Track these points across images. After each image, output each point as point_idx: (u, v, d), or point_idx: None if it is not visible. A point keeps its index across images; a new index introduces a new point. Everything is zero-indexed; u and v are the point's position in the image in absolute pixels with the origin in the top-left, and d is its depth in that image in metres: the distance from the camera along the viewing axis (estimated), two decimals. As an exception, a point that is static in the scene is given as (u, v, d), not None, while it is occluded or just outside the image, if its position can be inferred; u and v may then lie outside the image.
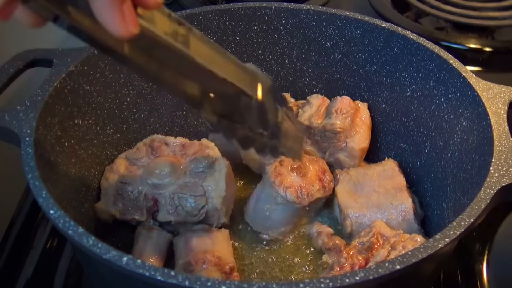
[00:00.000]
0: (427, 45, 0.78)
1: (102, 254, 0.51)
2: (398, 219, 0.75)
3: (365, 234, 0.71)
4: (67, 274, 0.77)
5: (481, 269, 0.75)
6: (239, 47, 0.91)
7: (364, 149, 0.86)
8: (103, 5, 0.42)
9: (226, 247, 0.74)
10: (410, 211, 0.75)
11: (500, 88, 0.71)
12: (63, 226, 0.54)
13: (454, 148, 0.74)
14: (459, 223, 0.55)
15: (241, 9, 0.88)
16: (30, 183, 0.59)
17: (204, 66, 0.52)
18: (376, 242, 0.68)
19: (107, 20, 0.43)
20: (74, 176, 0.73)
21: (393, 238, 0.69)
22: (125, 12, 0.43)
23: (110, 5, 0.42)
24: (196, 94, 0.55)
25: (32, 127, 0.65)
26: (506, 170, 0.61)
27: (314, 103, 0.88)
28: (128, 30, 0.43)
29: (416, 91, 0.82)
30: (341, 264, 0.67)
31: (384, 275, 0.50)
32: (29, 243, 0.82)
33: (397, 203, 0.76)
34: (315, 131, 0.85)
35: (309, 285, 0.48)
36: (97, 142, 0.80)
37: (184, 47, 0.50)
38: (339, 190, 0.80)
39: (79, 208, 0.74)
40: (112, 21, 0.43)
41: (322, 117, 0.86)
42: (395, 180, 0.79)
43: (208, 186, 0.77)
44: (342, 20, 0.86)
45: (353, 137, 0.84)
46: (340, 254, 0.68)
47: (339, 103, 0.86)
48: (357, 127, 0.85)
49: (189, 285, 0.48)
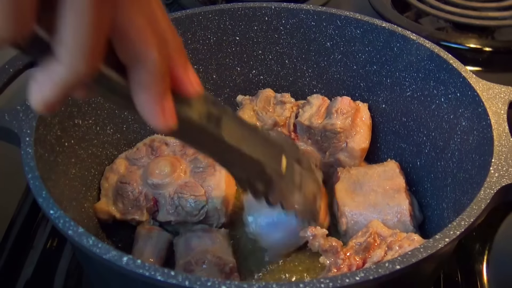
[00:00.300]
0: (427, 45, 0.78)
1: (102, 254, 0.51)
2: (393, 220, 0.75)
3: (362, 234, 0.71)
4: (67, 274, 0.77)
5: (481, 269, 0.75)
6: (239, 47, 0.91)
7: (365, 149, 0.86)
8: (145, 101, 0.43)
9: (226, 247, 0.74)
10: (406, 212, 0.75)
11: (500, 88, 0.71)
12: (63, 226, 0.54)
13: (454, 148, 0.74)
14: (459, 223, 0.55)
15: (241, 9, 0.88)
16: (30, 183, 0.59)
17: (233, 146, 0.55)
18: (373, 242, 0.68)
19: (148, 115, 0.44)
20: (74, 176, 0.73)
21: (390, 237, 0.68)
22: (166, 107, 0.44)
23: (151, 102, 0.43)
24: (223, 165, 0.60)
25: (32, 127, 0.65)
26: (506, 170, 0.61)
27: (314, 103, 0.88)
28: (167, 125, 0.45)
29: (416, 91, 0.82)
30: (338, 265, 0.67)
31: (384, 275, 0.50)
32: (29, 243, 0.82)
33: (393, 204, 0.76)
34: (315, 131, 0.85)
35: (309, 285, 0.48)
36: (97, 142, 0.80)
37: (216, 128, 0.52)
38: (338, 187, 0.80)
39: (79, 208, 0.74)
40: (153, 117, 0.44)
41: (323, 117, 0.86)
42: (395, 181, 0.79)
43: (208, 186, 0.77)
44: (342, 20, 0.86)
45: (353, 137, 0.84)
46: (337, 255, 0.68)
47: (340, 103, 0.86)
48: (357, 127, 0.85)
49: (189, 285, 0.48)
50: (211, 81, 0.92)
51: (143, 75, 0.42)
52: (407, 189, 0.79)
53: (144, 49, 0.42)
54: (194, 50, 0.88)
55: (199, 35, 0.88)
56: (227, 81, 0.93)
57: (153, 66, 0.42)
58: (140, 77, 0.43)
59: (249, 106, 0.88)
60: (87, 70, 0.39)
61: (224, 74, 0.93)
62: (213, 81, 0.92)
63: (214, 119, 0.52)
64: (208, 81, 0.92)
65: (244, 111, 0.88)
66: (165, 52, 0.44)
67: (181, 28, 0.86)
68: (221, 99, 0.94)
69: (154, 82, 0.43)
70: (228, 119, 0.54)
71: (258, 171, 0.60)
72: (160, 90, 0.44)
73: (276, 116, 0.86)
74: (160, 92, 0.44)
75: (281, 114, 0.87)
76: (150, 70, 0.42)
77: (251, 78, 0.94)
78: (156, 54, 0.42)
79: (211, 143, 0.53)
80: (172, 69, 0.45)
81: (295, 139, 0.87)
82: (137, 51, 0.42)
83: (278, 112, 0.87)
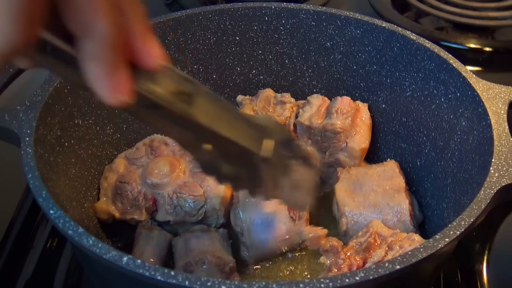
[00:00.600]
0: (427, 45, 0.78)
1: (102, 254, 0.51)
2: (393, 220, 0.75)
3: (362, 234, 0.71)
4: (67, 274, 0.77)
5: (481, 269, 0.75)
6: (239, 47, 0.91)
7: (364, 149, 0.85)
8: (95, 74, 0.40)
9: (225, 247, 0.74)
10: (406, 212, 0.75)
11: (500, 88, 0.71)
12: (63, 226, 0.54)
13: (454, 148, 0.74)
14: (459, 223, 0.55)
15: (241, 9, 0.88)
16: (30, 183, 0.59)
17: (206, 126, 0.51)
18: (374, 242, 0.68)
19: (98, 89, 0.41)
20: (74, 176, 0.73)
21: (390, 237, 0.68)
22: (118, 81, 0.41)
23: (102, 75, 0.40)
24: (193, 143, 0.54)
25: (32, 127, 0.65)
26: (506, 170, 0.60)
27: (314, 103, 0.88)
28: (119, 99, 0.41)
29: (416, 91, 0.82)
30: (338, 265, 0.67)
31: (384, 275, 0.50)
32: (29, 243, 0.82)
33: (393, 204, 0.76)
34: (315, 131, 0.85)
35: (309, 285, 0.48)
36: (97, 142, 0.80)
37: (188, 106, 0.48)
38: (338, 187, 0.80)
39: (79, 208, 0.74)
40: (103, 91, 0.41)
41: (323, 117, 0.85)
42: (395, 181, 0.79)
43: (207, 186, 0.77)
44: (342, 20, 0.86)
45: (353, 137, 0.84)
46: (337, 255, 0.68)
47: (340, 103, 0.85)
48: (357, 127, 0.85)
49: (189, 285, 0.48)
50: (211, 81, 0.92)
51: (92, 46, 0.39)
52: (407, 189, 0.79)
53: (93, 18, 0.38)
54: (194, 50, 0.89)
55: (199, 35, 0.88)
56: (227, 81, 0.93)
57: (103, 36, 0.38)
58: (89, 49, 0.39)
59: (249, 106, 0.88)
60: (22, 39, 0.35)
61: (224, 74, 0.93)
62: (213, 81, 0.92)
63: (185, 97, 0.48)
64: (208, 81, 0.92)
65: (244, 111, 0.88)
66: (119, 21, 0.39)
67: (181, 28, 0.86)
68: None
69: (105, 54, 0.39)
70: (202, 97, 0.49)
71: (236, 154, 0.56)
72: (112, 62, 0.40)
73: (276, 116, 0.86)
74: (112, 65, 0.40)
75: (281, 114, 0.87)
76: (99, 41, 0.39)
77: (251, 78, 0.94)
78: (107, 23, 0.38)
79: (180, 123, 0.49)
80: (130, 40, 0.42)
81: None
82: (84, 20, 0.38)
83: (278, 112, 0.87)
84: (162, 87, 0.45)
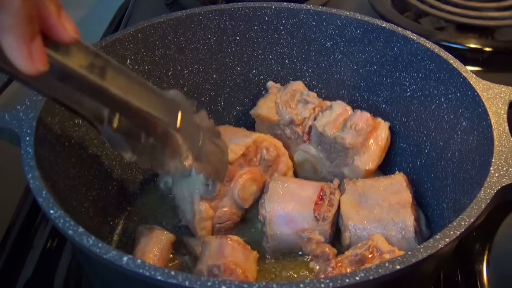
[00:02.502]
0: (427, 45, 0.78)
1: (102, 254, 0.51)
2: (397, 236, 0.73)
3: (361, 246, 0.69)
4: (67, 274, 0.77)
5: (481, 269, 0.75)
6: (239, 47, 0.91)
7: (371, 170, 0.82)
8: (11, 44, 0.44)
9: (254, 269, 0.73)
10: (411, 229, 0.73)
11: (500, 88, 0.71)
12: (63, 226, 0.54)
13: (454, 148, 0.74)
14: (459, 223, 0.55)
15: (241, 9, 0.88)
16: (30, 183, 0.59)
17: (119, 96, 0.54)
18: (368, 255, 0.67)
19: (15, 58, 0.45)
20: (74, 176, 0.73)
21: (388, 254, 0.67)
22: (34, 51, 0.45)
23: (17, 44, 0.44)
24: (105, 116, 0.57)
25: (32, 127, 0.65)
26: (506, 170, 0.60)
27: (335, 110, 0.85)
28: (35, 68, 0.45)
29: (416, 91, 0.82)
30: (327, 273, 0.65)
31: (384, 275, 0.50)
32: (29, 243, 0.82)
33: (398, 220, 0.74)
34: (326, 139, 0.83)
35: (309, 285, 0.48)
36: (97, 142, 0.80)
37: (100, 78, 0.52)
38: (343, 200, 0.77)
39: (79, 208, 0.74)
40: (19, 60, 0.45)
41: (338, 127, 0.83)
42: (401, 195, 0.76)
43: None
44: (342, 20, 0.86)
45: (361, 156, 0.82)
46: (327, 263, 0.67)
47: (357, 118, 0.83)
48: (368, 146, 0.82)
49: (189, 285, 0.48)
50: (211, 81, 0.92)
51: (7, 18, 0.43)
52: (414, 204, 0.77)
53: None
54: (194, 50, 0.89)
55: (199, 35, 0.88)
56: (227, 81, 0.93)
57: (16, 9, 0.43)
58: (4, 21, 0.43)
59: (272, 97, 0.88)
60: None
61: (224, 74, 0.93)
62: (213, 81, 0.92)
63: (98, 69, 0.52)
64: (208, 81, 0.92)
65: (265, 100, 0.88)
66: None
67: (181, 28, 0.86)
68: (221, 99, 0.94)
69: (19, 25, 0.43)
70: (114, 71, 0.54)
71: (148, 124, 0.59)
72: (26, 33, 0.44)
73: (295, 115, 0.86)
74: (26, 35, 0.44)
75: (300, 114, 0.86)
76: (13, 13, 0.43)
77: (251, 78, 0.94)
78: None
79: (93, 94, 0.53)
80: (44, 14, 0.46)
81: (307, 141, 0.86)
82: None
83: (299, 110, 0.86)
84: (76, 58, 0.50)
